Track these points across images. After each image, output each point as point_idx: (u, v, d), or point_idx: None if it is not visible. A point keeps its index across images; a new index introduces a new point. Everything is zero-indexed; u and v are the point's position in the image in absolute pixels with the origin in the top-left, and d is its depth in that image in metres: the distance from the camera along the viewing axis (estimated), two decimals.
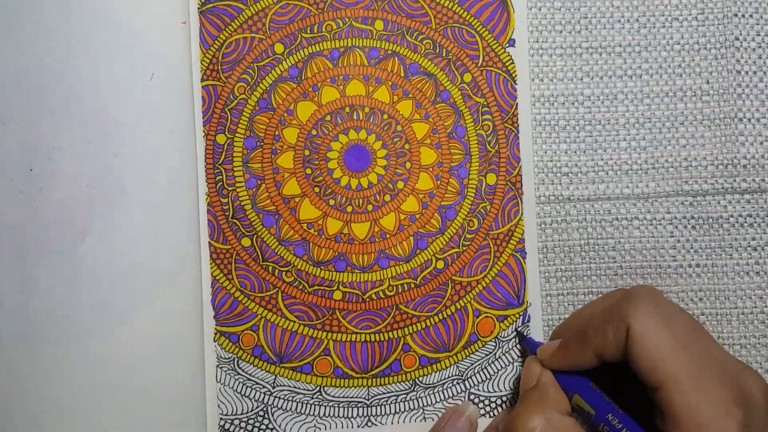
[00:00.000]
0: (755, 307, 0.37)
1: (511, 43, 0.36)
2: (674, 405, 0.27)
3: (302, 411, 0.36)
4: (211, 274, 0.36)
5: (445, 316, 0.36)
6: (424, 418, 0.36)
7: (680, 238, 0.37)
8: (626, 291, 0.31)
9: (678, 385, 0.27)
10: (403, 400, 0.36)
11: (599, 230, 0.37)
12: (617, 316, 0.29)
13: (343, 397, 0.36)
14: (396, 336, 0.36)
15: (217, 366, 0.36)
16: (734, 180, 0.37)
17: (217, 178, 0.36)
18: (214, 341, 0.36)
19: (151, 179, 0.36)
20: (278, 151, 0.36)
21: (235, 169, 0.36)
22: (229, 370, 0.36)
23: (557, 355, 0.32)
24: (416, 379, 0.36)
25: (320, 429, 0.36)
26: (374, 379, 0.36)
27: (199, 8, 0.36)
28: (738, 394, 0.28)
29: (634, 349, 0.28)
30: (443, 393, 0.36)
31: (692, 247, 0.37)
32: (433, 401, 0.36)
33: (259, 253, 0.36)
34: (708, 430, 0.27)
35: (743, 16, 0.37)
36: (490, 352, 0.36)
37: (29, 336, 0.36)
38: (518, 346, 0.36)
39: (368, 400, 0.36)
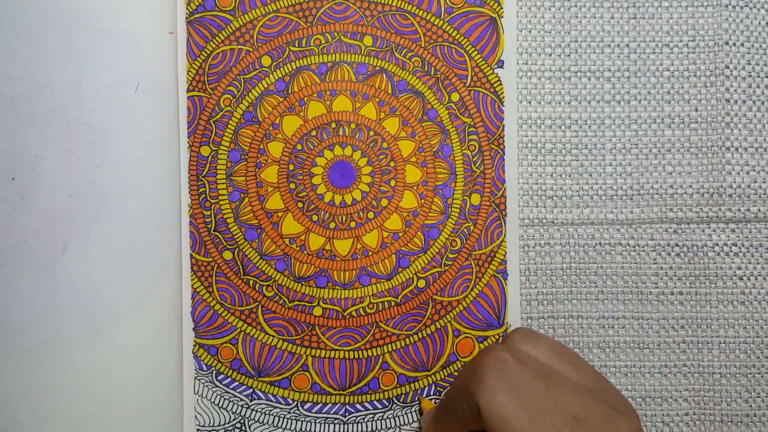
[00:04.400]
0: (737, 336, 0.36)
1: (500, 64, 0.36)
2: None
3: (279, 425, 0.36)
4: (192, 286, 0.36)
5: (425, 335, 0.36)
6: None
7: (663, 265, 0.36)
8: (475, 363, 0.29)
9: None
10: (380, 418, 0.36)
11: (582, 254, 0.36)
12: (467, 393, 0.28)
13: (320, 413, 0.36)
14: (375, 354, 0.36)
15: (195, 378, 0.36)
16: (719, 209, 0.36)
17: (200, 190, 0.36)
18: (193, 353, 0.36)
19: (133, 190, 0.36)
20: (262, 164, 0.36)
21: (218, 181, 0.36)
22: (207, 382, 0.36)
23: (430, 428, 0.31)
24: (393, 398, 0.36)
25: None
26: (352, 397, 0.36)
27: (186, 18, 0.36)
28: None
29: (488, 426, 0.27)
30: (420, 412, 0.36)
31: (675, 275, 0.36)
32: (410, 420, 0.36)
33: (240, 266, 0.36)
34: None
35: (734, 44, 0.36)
36: None
37: (7, 346, 0.35)
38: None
39: (345, 417, 0.36)
